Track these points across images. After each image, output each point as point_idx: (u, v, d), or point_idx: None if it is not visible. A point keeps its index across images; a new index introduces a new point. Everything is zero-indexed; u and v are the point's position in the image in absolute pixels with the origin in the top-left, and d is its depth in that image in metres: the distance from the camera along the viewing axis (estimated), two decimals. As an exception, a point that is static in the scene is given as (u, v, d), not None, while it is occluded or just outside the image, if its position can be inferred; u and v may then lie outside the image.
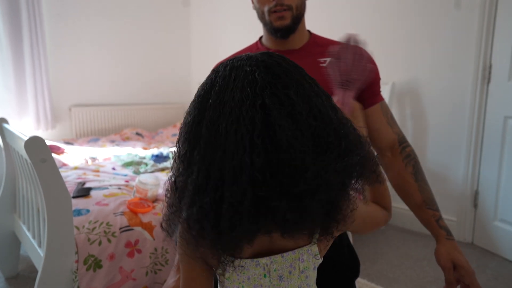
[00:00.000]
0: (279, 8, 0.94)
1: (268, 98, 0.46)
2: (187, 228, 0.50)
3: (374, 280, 1.81)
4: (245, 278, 0.56)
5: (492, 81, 2.10)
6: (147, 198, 1.54)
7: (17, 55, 2.74)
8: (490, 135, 2.13)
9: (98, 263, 1.28)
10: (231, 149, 0.45)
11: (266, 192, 0.45)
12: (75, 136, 3.15)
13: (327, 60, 1.00)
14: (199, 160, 0.48)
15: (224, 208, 0.45)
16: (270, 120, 0.45)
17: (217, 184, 0.46)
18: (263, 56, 0.52)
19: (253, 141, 0.45)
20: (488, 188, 2.16)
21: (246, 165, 0.44)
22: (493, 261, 2.03)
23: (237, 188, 0.45)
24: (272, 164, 0.45)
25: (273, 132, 0.45)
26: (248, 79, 0.48)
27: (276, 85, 0.48)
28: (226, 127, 0.46)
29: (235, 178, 0.45)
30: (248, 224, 0.46)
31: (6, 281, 1.76)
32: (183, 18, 3.91)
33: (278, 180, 0.45)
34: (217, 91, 0.49)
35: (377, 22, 2.52)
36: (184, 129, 0.52)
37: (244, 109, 0.46)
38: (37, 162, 1.12)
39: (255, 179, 0.44)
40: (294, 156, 0.45)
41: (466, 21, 2.15)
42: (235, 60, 0.52)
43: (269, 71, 0.49)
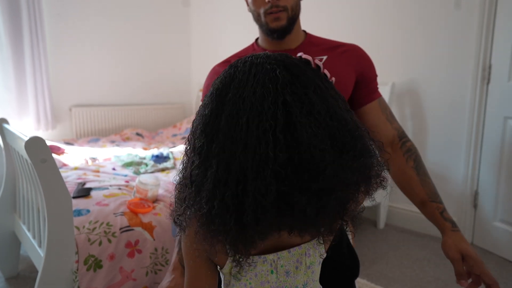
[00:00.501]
0: (275, 10, 0.95)
1: (289, 96, 0.47)
2: (205, 222, 0.49)
3: (373, 280, 1.81)
4: (253, 274, 0.56)
5: (492, 81, 2.10)
6: (147, 198, 1.54)
7: (17, 55, 2.74)
8: (489, 136, 2.13)
9: (98, 263, 1.28)
10: (253, 143, 0.46)
11: (288, 187, 0.45)
12: (75, 136, 3.16)
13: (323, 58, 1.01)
14: (218, 153, 0.48)
15: (247, 201, 0.45)
16: (292, 117, 0.46)
17: (239, 178, 0.46)
18: (282, 56, 0.53)
19: (276, 136, 0.45)
20: (487, 188, 2.16)
21: (270, 159, 0.45)
22: (492, 261, 2.03)
23: (261, 182, 0.45)
24: (294, 160, 0.45)
25: (294, 129, 0.46)
26: (270, 76, 0.49)
27: (296, 84, 0.49)
28: (247, 121, 0.47)
29: (258, 172, 0.45)
30: (272, 218, 0.46)
31: (6, 281, 1.76)
32: (183, 18, 3.91)
33: (299, 176, 0.45)
34: (237, 86, 0.50)
35: (376, 22, 2.52)
36: (201, 122, 0.51)
37: (266, 104, 0.47)
38: (37, 162, 1.13)
39: (278, 173, 0.45)
40: (314, 154, 0.45)
41: (466, 22, 2.15)
42: (254, 57, 0.53)
43: (289, 71, 0.50)
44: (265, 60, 0.51)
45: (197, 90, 3.91)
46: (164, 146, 2.84)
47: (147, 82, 3.66)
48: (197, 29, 3.93)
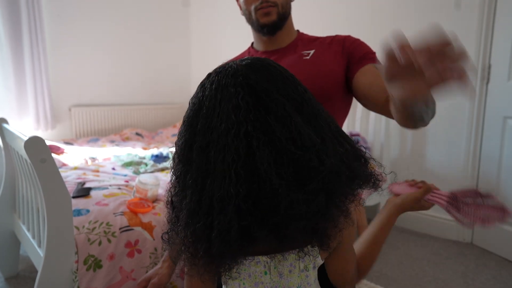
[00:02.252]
0: (265, 5, 0.98)
1: (251, 125, 0.47)
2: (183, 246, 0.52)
3: (373, 279, 1.81)
4: (246, 275, 0.57)
5: (492, 81, 2.10)
6: (147, 198, 1.54)
7: (17, 55, 2.74)
8: (489, 135, 2.13)
9: (98, 263, 1.28)
10: (219, 178, 0.47)
11: (249, 222, 0.46)
12: (75, 136, 3.15)
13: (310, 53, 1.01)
14: (192, 185, 0.50)
15: (213, 235, 0.47)
16: (252, 149, 0.47)
17: (209, 210, 0.48)
18: (248, 71, 0.51)
19: (237, 171, 0.46)
20: (487, 188, 2.16)
21: (231, 195, 0.46)
22: (492, 261, 2.03)
23: (224, 217, 0.46)
24: (254, 193, 0.46)
25: (253, 161, 0.46)
26: (233, 103, 0.49)
27: (259, 109, 0.48)
28: (214, 154, 0.48)
29: (222, 206, 0.47)
30: (236, 250, 0.48)
31: (5, 281, 1.76)
32: (183, 18, 3.91)
33: (258, 210, 0.46)
34: (205, 115, 0.51)
35: (376, 22, 2.52)
36: (178, 150, 0.54)
37: (229, 138, 0.47)
38: (37, 162, 1.13)
39: (240, 208, 0.46)
40: (270, 187, 0.46)
41: (466, 21, 2.15)
42: (220, 76, 0.52)
43: (253, 92, 0.49)
44: (229, 80, 0.51)
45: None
46: (163, 146, 2.84)
47: (146, 82, 3.66)
48: (197, 29, 3.92)
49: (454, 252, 2.14)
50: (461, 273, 1.90)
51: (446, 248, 2.19)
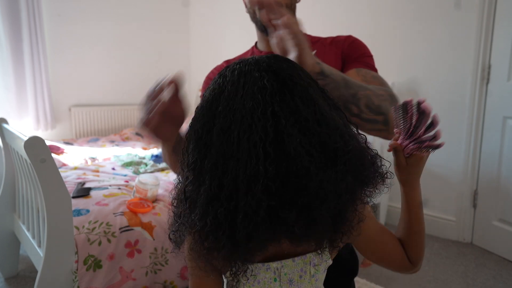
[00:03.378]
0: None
1: (277, 105, 0.46)
2: (199, 239, 0.49)
3: (373, 279, 1.81)
4: (255, 282, 0.56)
5: (491, 81, 2.10)
6: (147, 198, 1.54)
7: (17, 55, 2.74)
8: (489, 135, 2.13)
9: (98, 263, 1.28)
10: (245, 157, 0.45)
11: (277, 202, 0.44)
12: (75, 136, 3.15)
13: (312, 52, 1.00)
14: (211, 168, 0.47)
15: (239, 218, 0.45)
16: (280, 128, 0.46)
17: (232, 194, 0.45)
18: (270, 60, 0.52)
19: (266, 150, 0.45)
20: (487, 187, 2.16)
21: (261, 174, 0.44)
22: (492, 261, 2.03)
23: (251, 197, 0.44)
24: (282, 173, 0.45)
25: (282, 141, 0.45)
26: (258, 85, 0.48)
27: (284, 91, 0.48)
28: (238, 135, 0.46)
29: (249, 187, 0.44)
30: (264, 234, 0.45)
31: (5, 281, 1.76)
32: (182, 18, 3.91)
33: (287, 190, 0.45)
34: (227, 98, 0.49)
35: (376, 22, 2.52)
36: (193, 137, 0.51)
37: (256, 116, 0.46)
38: (36, 162, 1.13)
39: (269, 188, 0.44)
40: (300, 166, 0.44)
41: (465, 21, 2.15)
42: (242, 64, 0.52)
43: (277, 77, 0.49)
44: (253, 67, 0.50)
45: (197, 90, 3.91)
46: (163, 146, 2.84)
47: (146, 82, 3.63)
48: (197, 29, 3.93)
49: (454, 252, 2.14)
50: (461, 273, 1.90)
51: (446, 248, 2.19)
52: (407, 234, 0.66)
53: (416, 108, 0.60)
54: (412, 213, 0.66)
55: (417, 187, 0.66)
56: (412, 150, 0.62)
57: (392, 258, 0.65)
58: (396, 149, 0.63)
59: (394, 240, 0.66)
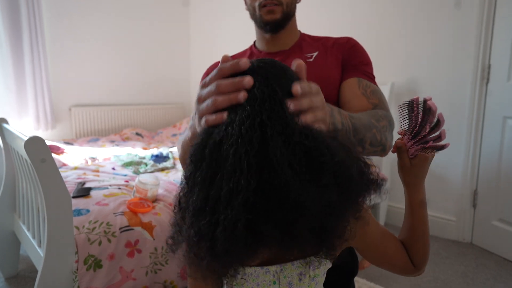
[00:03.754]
0: (270, 2, 0.97)
1: (265, 114, 0.46)
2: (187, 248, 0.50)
3: (373, 279, 1.81)
4: (254, 284, 0.56)
5: (491, 81, 2.10)
6: (147, 198, 1.54)
7: (17, 55, 2.74)
8: (489, 135, 2.13)
9: (98, 263, 1.28)
10: (229, 171, 0.45)
11: (256, 215, 0.44)
12: (75, 136, 3.16)
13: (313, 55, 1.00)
14: (200, 181, 0.48)
15: (218, 231, 0.45)
16: (265, 137, 0.45)
17: (215, 207, 0.46)
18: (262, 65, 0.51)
19: (249, 162, 0.44)
20: (487, 187, 2.16)
21: (242, 187, 0.44)
22: (491, 261, 2.03)
23: (230, 211, 0.44)
24: (263, 186, 0.44)
25: (266, 152, 0.45)
26: (249, 95, 0.48)
27: (274, 99, 0.47)
28: (226, 148, 0.46)
29: (230, 200, 0.44)
30: (243, 248, 0.45)
31: (6, 281, 1.76)
32: (182, 17, 3.91)
33: (267, 203, 0.44)
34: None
35: (376, 22, 2.52)
36: (192, 151, 0.52)
37: (243, 129, 0.46)
38: (37, 162, 1.13)
39: (248, 201, 0.44)
40: (281, 179, 0.44)
41: (465, 21, 2.15)
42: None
43: (268, 83, 0.49)
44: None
45: (196, 90, 3.91)
46: (163, 146, 2.85)
47: (146, 82, 3.66)
48: (197, 28, 3.93)
49: (454, 252, 2.14)
50: (461, 272, 1.91)
51: (446, 248, 2.19)
52: (411, 236, 0.66)
53: (422, 106, 0.60)
54: (416, 214, 0.65)
55: (421, 188, 0.66)
56: (417, 151, 0.61)
57: (394, 262, 0.65)
58: (400, 149, 0.62)
59: (396, 243, 0.65)
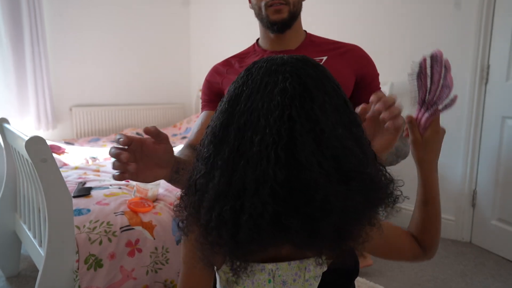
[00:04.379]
0: (277, 2, 0.96)
1: (295, 110, 0.45)
2: (204, 233, 0.49)
3: (373, 279, 1.82)
4: (249, 282, 0.56)
5: (490, 81, 2.11)
6: (148, 197, 1.55)
7: (18, 55, 2.75)
8: (488, 135, 2.14)
9: (99, 263, 1.29)
10: (255, 159, 0.45)
11: (283, 208, 0.44)
12: (76, 136, 3.16)
13: (323, 59, 1.01)
14: (222, 165, 0.47)
15: (243, 219, 0.44)
16: (294, 133, 0.45)
17: (239, 193, 0.45)
18: (298, 63, 0.50)
19: (277, 153, 0.44)
20: (486, 187, 2.17)
21: (269, 177, 0.44)
22: (490, 260, 2.04)
23: (258, 199, 0.44)
24: (291, 180, 0.44)
25: (295, 147, 0.44)
26: (280, 87, 0.47)
27: (305, 97, 0.47)
28: (251, 135, 0.46)
29: (256, 189, 0.44)
30: (266, 238, 0.45)
31: (7, 280, 1.77)
32: (182, 18, 3.92)
33: (294, 198, 0.44)
34: (247, 96, 0.49)
35: (375, 22, 2.53)
36: (211, 131, 0.51)
37: (272, 119, 0.45)
38: (37, 162, 1.13)
39: (276, 193, 0.43)
40: (310, 175, 0.44)
41: (465, 22, 2.15)
42: (268, 63, 0.51)
43: (301, 81, 0.48)
44: (278, 68, 0.49)
45: (197, 90, 3.91)
46: (164, 146, 2.85)
47: (147, 82, 3.67)
48: (197, 29, 3.93)
49: (453, 251, 2.14)
50: (460, 272, 1.91)
51: (445, 247, 2.20)
52: (424, 218, 0.65)
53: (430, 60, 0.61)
54: (429, 194, 0.65)
55: (434, 166, 0.65)
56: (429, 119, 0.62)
57: (401, 252, 0.66)
58: (411, 123, 0.63)
59: (400, 233, 0.66)
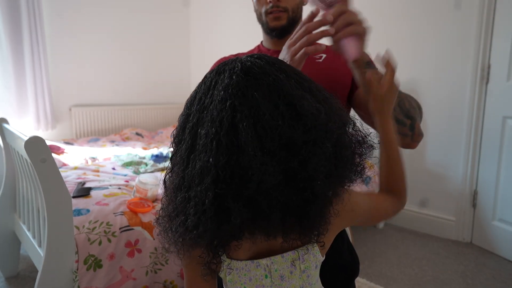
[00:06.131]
0: (275, 10, 0.98)
1: (238, 99, 0.48)
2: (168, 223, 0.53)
3: (373, 279, 1.81)
4: (247, 279, 0.57)
5: (491, 81, 2.10)
6: (147, 198, 1.55)
7: (17, 55, 2.74)
8: (488, 135, 2.13)
9: (98, 263, 1.28)
10: (201, 150, 0.48)
11: (224, 191, 0.46)
12: (75, 136, 3.16)
13: (322, 56, 1.01)
14: (179, 161, 0.51)
15: (188, 206, 0.48)
16: (235, 120, 0.47)
17: (190, 184, 0.49)
18: (246, 58, 0.53)
19: (219, 141, 0.47)
20: (486, 188, 2.16)
21: (211, 164, 0.46)
22: (491, 261, 2.03)
23: (202, 187, 0.47)
24: (232, 164, 0.46)
25: (236, 133, 0.47)
26: (225, 83, 0.50)
27: (247, 87, 0.49)
28: (200, 131, 0.49)
29: (201, 177, 0.47)
30: (210, 223, 0.47)
31: (6, 280, 1.76)
32: (182, 18, 3.91)
33: (234, 180, 0.46)
34: (200, 97, 0.52)
35: (376, 22, 2.52)
36: (174, 134, 0.56)
37: (216, 111, 0.48)
38: (37, 162, 1.13)
39: (218, 177, 0.46)
40: (247, 158, 0.46)
41: (465, 21, 2.15)
42: (221, 64, 0.54)
43: (245, 73, 0.50)
44: (228, 66, 0.52)
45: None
46: (163, 146, 2.85)
47: (146, 82, 3.67)
48: (197, 29, 3.93)
49: (453, 252, 2.14)
50: (461, 272, 1.91)
51: (445, 248, 2.19)
52: (387, 160, 0.70)
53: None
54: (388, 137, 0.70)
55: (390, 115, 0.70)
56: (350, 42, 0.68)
57: (385, 212, 0.68)
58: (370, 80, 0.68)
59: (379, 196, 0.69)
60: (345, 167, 0.51)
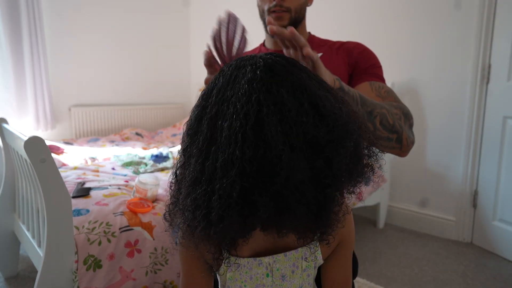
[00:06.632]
0: (278, 9, 0.97)
1: (262, 95, 0.48)
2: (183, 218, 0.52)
3: (373, 279, 1.81)
4: (247, 277, 0.56)
5: (491, 81, 2.10)
6: (147, 198, 1.54)
7: (17, 55, 2.74)
8: (489, 135, 2.13)
9: (98, 263, 1.28)
10: (225, 143, 0.47)
11: (250, 184, 0.46)
12: (75, 136, 3.15)
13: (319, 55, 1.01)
14: (196, 153, 0.50)
15: (213, 199, 0.47)
16: (261, 115, 0.47)
17: (211, 177, 0.48)
18: (266, 56, 0.53)
19: (245, 134, 0.46)
20: (487, 188, 2.16)
21: (237, 157, 0.46)
22: (491, 261, 2.03)
23: (226, 180, 0.46)
24: (258, 158, 0.46)
25: (262, 127, 0.47)
26: (248, 77, 0.50)
27: (272, 83, 0.49)
28: (221, 123, 0.49)
29: (225, 170, 0.47)
30: (236, 216, 0.47)
31: (5, 281, 1.76)
32: (183, 18, 3.91)
33: (260, 176, 0.46)
34: (219, 89, 0.52)
35: (376, 23, 2.52)
36: (188, 125, 0.55)
37: (239, 104, 0.48)
38: (36, 162, 1.13)
39: (244, 170, 0.46)
40: (275, 153, 0.46)
41: (466, 21, 2.15)
42: (239, 60, 0.54)
43: (268, 69, 0.51)
44: (248, 62, 0.53)
45: (196, 90, 3.91)
46: (163, 146, 2.84)
47: (146, 82, 3.66)
48: (197, 29, 3.93)
49: (453, 252, 2.14)
50: (461, 272, 1.91)
51: (445, 248, 2.19)
52: None
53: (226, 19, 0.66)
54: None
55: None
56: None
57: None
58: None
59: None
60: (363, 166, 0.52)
